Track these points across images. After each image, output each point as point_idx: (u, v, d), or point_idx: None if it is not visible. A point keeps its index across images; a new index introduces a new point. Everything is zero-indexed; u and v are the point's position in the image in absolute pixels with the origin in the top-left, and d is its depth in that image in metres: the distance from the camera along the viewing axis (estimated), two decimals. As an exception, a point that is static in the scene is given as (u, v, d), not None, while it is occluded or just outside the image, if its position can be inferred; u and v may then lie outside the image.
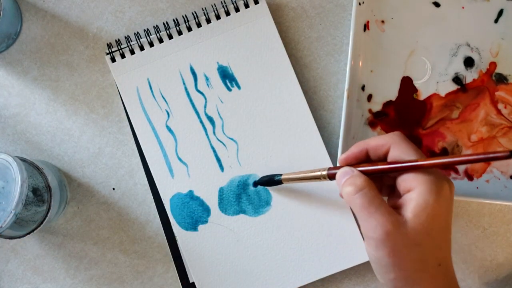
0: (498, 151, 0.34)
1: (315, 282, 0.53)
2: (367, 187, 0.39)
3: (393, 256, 0.37)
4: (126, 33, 0.55)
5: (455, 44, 0.53)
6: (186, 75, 0.54)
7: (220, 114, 0.53)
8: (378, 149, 0.41)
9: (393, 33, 0.53)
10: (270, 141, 0.53)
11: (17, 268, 0.54)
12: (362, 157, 0.42)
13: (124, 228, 0.54)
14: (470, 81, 0.53)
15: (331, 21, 0.55)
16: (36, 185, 0.50)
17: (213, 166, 0.53)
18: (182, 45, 0.54)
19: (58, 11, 0.55)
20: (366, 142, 0.42)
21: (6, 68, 0.55)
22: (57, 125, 0.55)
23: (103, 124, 0.55)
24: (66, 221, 0.54)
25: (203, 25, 0.54)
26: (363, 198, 0.38)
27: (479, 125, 0.53)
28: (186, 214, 0.53)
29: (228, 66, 0.54)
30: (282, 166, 0.53)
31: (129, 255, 0.54)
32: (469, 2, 0.53)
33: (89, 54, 0.55)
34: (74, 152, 0.55)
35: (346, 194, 0.40)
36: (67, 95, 0.55)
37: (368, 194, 0.39)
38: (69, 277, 0.54)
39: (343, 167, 0.42)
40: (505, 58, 0.53)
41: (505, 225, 0.54)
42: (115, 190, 0.55)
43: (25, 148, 0.55)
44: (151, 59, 0.54)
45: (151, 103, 0.53)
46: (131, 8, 0.55)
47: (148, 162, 0.53)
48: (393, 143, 0.40)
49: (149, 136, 0.53)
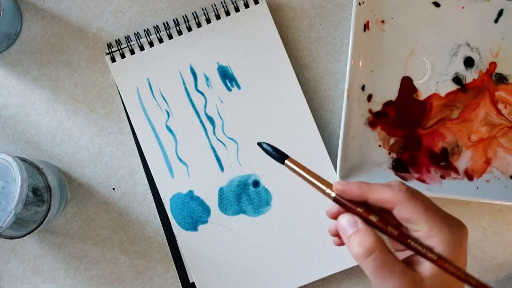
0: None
1: (315, 282, 0.53)
2: (378, 247, 0.36)
3: None
4: (126, 33, 0.55)
5: (455, 44, 0.53)
6: (186, 75, 0.54)
7: (220, 114, 0.53)
8: (381, 203, 0.38)
9: (393, 33, 0.53)
10: (270, 141, 0.53)
11: (17, 268, 0.54)
12: (360, 200, 0.38)
13: (124, 228, 0.54)
14: (470, 81, 0.53)
15: (331, 21, 0.55)
16: (36, 185, 0.50)
17: (213, 166, 0.53)
18: (182, 45, 0.54)
19: (58, 11, 0.55)
20: (367, 190, 0.38)
21: (6, 68, 0.55)
22: (57, 125, 0.55)
23: (103, 124, 0.55)
24: (66, 221, 0.54)
25: (203, 25, 0.54)
26: (375, 262, 0.35)
27: (479, 125, 0.53)
28: (186, 214, 0.53)
29: (228, 66, 0.54)
30: (282, 166, 0.53)
31: (129, 255, 0.54)
32: (469, 2, 0.53)
33: (89, 54, 0.55)
34: (74, 152, 0.55)
35: (356, 255, 0.36)
36: (67, 95, 0.55)
37: (380, 256, 0.35)
38: (69, 277, 0.54)
39: (348, 213, 0.38)
40: (505, 58, 0.53)
41: (505, 225, 0.54)
42: (115, 190, 0.55)
43: (25, 148, 0.55)
44: (151, 59, 0.54)
45: (151, 103, 0.53)
46: (131, 8, 0.55)
47: (148, 162, 0.53)
48: (399, 203, 0.37)
49: (149, 136, 0.53)
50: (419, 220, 0.36)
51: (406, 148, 0.53)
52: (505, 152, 0.53)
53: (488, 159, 0.53)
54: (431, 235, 0.36)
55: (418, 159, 0.53)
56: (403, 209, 0.37)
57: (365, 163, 0.53)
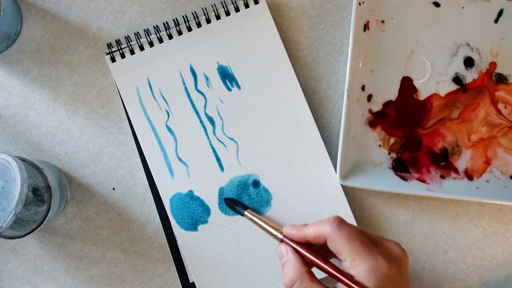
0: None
1: (315, 282, 0.53)
2: (299, 279, 0.41)
3: None
4: (126, 33, 0.55)
5: (455, 44, 0.53)
6: (186, 75, 0.54)
7: (220, 114, 0.54)
8: (316, 240, 0.43)
9: (393, 33, 0.53)
10: (270, 141, 0.53)
11: (17, 268, 0.54)
12: (302, 241, 0.44)
13: (124, 228, 0.54)
14: (470, 81, 0.53)
15: (331, 21, 0.55)
16: (36, 185, 0.50)
17: (213, 166, 0.53)
18: (182, 45, 0.54)
19: (58, 11, 0.55)
20: (305, 232, 0.44)
21: (6, 68, 0.55)
22: (57, 125, 0.55)
23: (103, 124, 0.55)
24: (66, 221, 0.54)
25: (203, 25, 0.54)
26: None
27: (479, 125, 0.53)
28: (186, 214, 0.53)
29: (228, 66, 0.54)
30: (282, 166, 0.53)
31: (129, 255, 0.54)
32: (469, 2, 0.53)
33: (89, 54, 0.55)
34: (74, 152, 0.55)
35: (283, 283, 0.42)
36: (67, 95, 0.55)
37: (301, 285, 0.41)
38: (69, 277, 0.54)
39: (282, 244, 0.45)
40: (505, 58, 0.53)
41: (505, 225, 0.54)
42: (115, 190, 0.55)
43: (25, 148, 0.55)
44: (151, 59, 0.54)
45: (151, 103, 0.53)
46: (131, 8, 0.55)
47: (148, 162, 0.53)
48: (328, 236, 0.41)
49: (149, 136, 0.53)
50: (343, 251, 0.40)
51: (406, 148, 0.53)
52: (505, 152, 0.53)
53: (488, 159, 0.53)
54: (354, 265, 0.39)
55: (418, 159, 0.53)
56: (330, 241, 0.41)
57: (365, 163, 0.53)
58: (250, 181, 0.53)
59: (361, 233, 0.42)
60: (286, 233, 0.45)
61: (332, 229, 0.41)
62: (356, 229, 0.42)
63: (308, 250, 0.43)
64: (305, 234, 0.43)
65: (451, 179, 0.52)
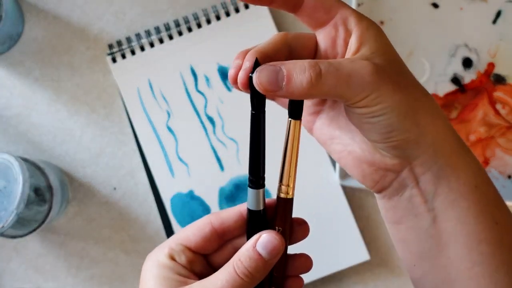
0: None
1: (315, 281, 0.53)
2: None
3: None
4: (127, 34, 0.55)
5: (454, 44, 0.54)
6: (187, 75, 0.54)
7: (220, 114, 0.54)
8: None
9: (392, 34, 0.54)
10: (270, 141, 0.53)
11: (19, 267, 0.54)
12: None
13: (125, 227, 0.55)
14: (468, 82, 0.54)
15: (331, 22, 0.55)
16: (37, 185, 0.50)
17: (213, 166, 0.53)
18: (183, 46, 0.54)
19: (59, 13, 0.56)
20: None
21: (8, 68, 0.55)
22: (58, 125, 0.55)
23: (104, 124, 0.55)
24: (67, 221, 0.55)
25: (203, 26, 0.54)
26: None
27: (477, 125, 0.53)
28: (186, 213, 0.53)
29: (228, 67, 0.54)
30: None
31: (130, 254, 0.54)
32: (467, 3, 0.54)
33: (90, 55, 0.55)
34: (75, 152, 0.55)
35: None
36: (68, 96, 0.55)
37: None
38: (70, 276, 0.54)
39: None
40: (503, 58, 0.54)
41: (503, 225, 0.55)
42: (116, 190, 0.55)
43: (26, 148, 0.55)
44: (151, 59, 0.54)
45: (152, 104, 0.54)
46: (132, 9, 0.56)
47: (149, 162, 0.54)
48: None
49: (149, 136, 0.54)
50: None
51: (405, 148, 0.53)
52: (503, 152, 0.53)
53: (486, 159, 0.53)
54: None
55: (417, 159, 0.53)
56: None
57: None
58: (250, 181, 0.53)
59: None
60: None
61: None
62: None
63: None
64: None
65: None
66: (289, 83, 0.28)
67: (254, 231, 0.31)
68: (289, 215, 0.33)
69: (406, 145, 0.29)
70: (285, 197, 0.32)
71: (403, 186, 0.30)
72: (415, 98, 0.30)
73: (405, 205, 0.31)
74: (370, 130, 0.29)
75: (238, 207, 0.33)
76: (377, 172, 0.31)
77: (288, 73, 0.28)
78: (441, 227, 0.30)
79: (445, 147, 0.30)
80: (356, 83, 0.28)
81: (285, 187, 0.32)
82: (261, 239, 0.31)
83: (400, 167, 0.30)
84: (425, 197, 0.30)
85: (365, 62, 0.28)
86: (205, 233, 0.33)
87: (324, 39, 0.31)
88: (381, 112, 0.28)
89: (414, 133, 0.29)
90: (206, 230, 0.33)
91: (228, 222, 0.33)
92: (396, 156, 0.30)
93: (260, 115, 0.31)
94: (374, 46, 0.30)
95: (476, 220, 0.30)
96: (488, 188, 0.31)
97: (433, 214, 0.30)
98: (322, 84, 0.28)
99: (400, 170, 0.30)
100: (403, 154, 0.30)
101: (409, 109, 0.29)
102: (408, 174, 0.30)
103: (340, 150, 0.32)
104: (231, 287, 0.30)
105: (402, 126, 0.29)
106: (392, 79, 0.29)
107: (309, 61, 0.28)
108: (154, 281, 0.32)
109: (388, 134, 0.29)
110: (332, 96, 0.29)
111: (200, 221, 0.33)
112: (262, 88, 0.29)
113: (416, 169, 0.30)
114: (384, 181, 0.31)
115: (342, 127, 0.32)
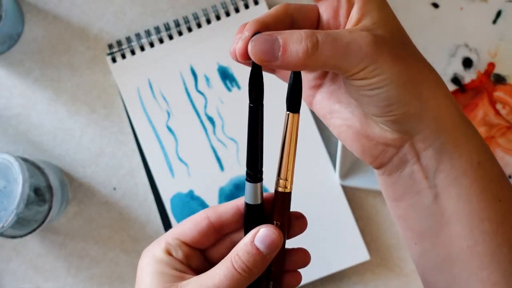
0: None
1: (315, 281, 0.53)
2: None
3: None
4: (127, 34, 0.55)
5: (454, 44, 0.54)
6: (187, 75, 0.54)
7: (220, 114, 0.54)
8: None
9: (392, 34, 0.54)
10: (270, 141, 0.53)
11: (19, 267, 0.54)
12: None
13: (125, 227, 0.55)
14: (468, 82, 0.54)
15: (331, 22, 0.55)
16: (37, 185, 0.50)
17: (213, 166, 0.53)
18: (183, 46, 0.54)
19: (59, 12, 0.56)
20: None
21: (8, 68, 0.55)
22: (58, 125, 0.55)
23: (104, 124, 0.55)
24: (67, 221, 0.55)
25: (203, 26, 0.54)
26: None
27: (477, 125, 0.53)
28: (186, 213, 0.53)
29: (228, 67, 0.54)
30: (282, 166, 0.53)
31: (130, 254, 0.54)
32: (467, 3, 0.54)
33: (90, 55, 0.55)
34: (75, 152, 0.55)
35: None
36: (68, 96, 0.55)
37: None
38: (70, 276, 0.54)
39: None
40: (503, 58, 0.54)
41: (503, 225, 0.55)
42: (116, 190, 0.55)
43: (26, 148, 0.55)
44: (151, 59, 0.54)
45: (152, 103, 0.54)
46: (131, 9, 0.56)
47: (149, 162, 0.54)
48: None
49: (149, 136, 0.54)
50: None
51: (405, 148, 0.53)
52: (503, 152, 0.53)
53: (486, 159, 0.53)
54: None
55: (417, 159, 0.53)
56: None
57: (364, 163, 0.53)
58: (250, 181, 0.53)
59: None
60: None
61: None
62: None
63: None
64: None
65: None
66: (284, 53, 0.28)
67: (252, 225, 0.31)
68: (287, 209, 0.32)
69: (406, 119, 0.29)
70: (283, 191, 0.31)
71: (404, 162, 0.30)
72: (417, 71, 0.29)
73: (405, 181, 0.30)
74: (369, 103, 0.29)
75: (235, 201, 0.33)
76: (377, 147, 0.30)
77: (284, 42, 0.28)
78: (443, 204, 0.29)
79: (448, 122, 0.29)
80: (354, 54, 0.27)
81: (283, 181, 0.31)
82: (259, 233, 0.30)
83: (400, 142, 0.29)
84: (426, 173, 0.29)
85: (364, 33, 0.28)
86: (202, 228, 0.32)
87: (326, 10, 0.31)
88: (380, 84, 0.28)
89: (415, 107, 0.28)
90: (203, 224, 0.32)
91: (225, 216, 0.32)
92: (396, 131, 0.29)
93: (258, 107, 0.30)
94: (376, 17, 0.29)
95: (479, 197, 0.29)
96: (491, 165, 0.30)
97: (435, 191, 0.29)
98: (318, 54, 0.27)
99: (401, 145, 0.29)
100: (404, 128, 0.29)
101: (408, 82, 0.28)
102: (409, 149, 0.29)
103: (340, 124, 0.32)
104: (229, 282, 0.30)
105: (402, 99, 0.28)
106: (392, 50, 0.28)
107: (305, 31, 0.27)
108: (151, 277, 0.32)
109: (388, 107, 0.28)
110: (330, 67, 0.28)
111: (197, 215, 0.33)
112: (257, 58, 0.28)
113: (418, 144, 0.29)
114: (384, 157, 0.30)
115: (342, 101, 0.32)
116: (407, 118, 0.29)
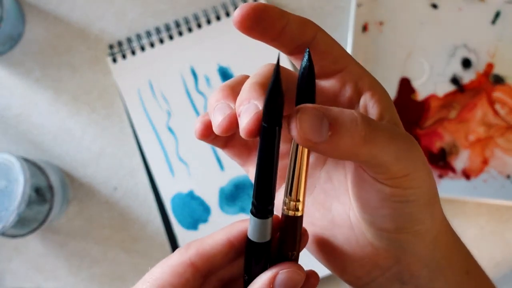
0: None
1: (314, 280, 0.53)
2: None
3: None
4: (127, 34, 0.55)
5: (453, 45, 0.54)
6: (187, 76, 0.54)
7: (220, 114, 0.54)
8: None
9: (391, 35, 0.54)
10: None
11: (20, 266, 0.55)
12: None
13: (126, 227, 0.55)
14: (467, 82, 0.54)
15: (330, 23, 0.56)
16: (38, 184, 0.50)
17: (214, 166, 0.54)
18: (183, 46, 0.54)
19: (60, 13, 0.56)
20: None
21: (9, 69, 0.55)
22: (59, 125, 0.55)
23: (104, 124, 0.55)
24: (68, 220, 0.55)
25: (203, 27, 0.54)
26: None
27: (476, 125, 0.54)
28: (186, 213, 0.53)
29: (229, 67, 0.54)
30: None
31: (130, 254, 0.55)
32: (466, 3, 0.54)
33: (90, 55, 0.55)
34: (76, 152, 0.55)
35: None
36: (69, 96, 0.55)
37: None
38: (71, 275, 0.55)
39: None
40: (502, 59, 0.54)
41: (502, 224, 0.55)
42: (116, 189, 0.55)
43: (27, 148, 0.55)
44: (152, 60, 0.54)
45: (152, 104, 0.54)
46: (132, 10, 0.56)
47: (149, 162, 0.54)
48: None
49: (150, 136, 0.54)
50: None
51: (404, 148, 0.53)
52: (502, 152, 0.54)
53: (485, 159, 0.53)
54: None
55: (416, 159, 0.53)
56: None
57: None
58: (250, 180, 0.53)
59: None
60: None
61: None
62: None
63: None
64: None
65: (448, 178, 0.53)
66: (336, 134, 0.21)
67: (258, 266, 0.26)
68: (300, 235, 0.26)
69: (413, 238, 0.25)
70: (294, 214, 0.25)
71: (391, 282, 0.26)
72: (434, 184, 0.25)
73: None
74: (385, 215, 0.24)
75: (225, 234, 0.27)
76: (362, 267, 0.26)
77: (335, 122, 0.22)
78: None
79: (443, 239, 0.26)
80: (403, 155, 0.22)
81: (293, 203, 0.25)
82: (281, 276, 0.25)
83: (392, 261, 0.26)
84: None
85: (409, 134, 0.23)
86: (186, 279, 0.26)
87: (325, 91, 0.26)
88: (411, 197, 0.23)
89: (426, 225, 0.24)
90: (187, 275, 0.26)
91: (215, 259, 0.26)
92: (391, 250, 0.25)
93: (275, 129, 0.23)
94: (394, 115, 0.25)
95: None
96: (477, 271, 0.29)
97: None
98: (374, 144, 0.22)
99: (392, 265, 0.26)
100: (403, 247, 0.25)
101: (431, 199, 0.24)
102: (402, 269, 0.26)
103: (316, 232, 0.27)
104: None
105: (421, 217, 0.24)
106: (422, 158, 0.24)
107: (359, 112, 0.22)
108: None
109: (406, 223, 0.24)
110: (375, 162, 0.23)
111: (178, 263, 0.26)
112: (304, 137, 0.22)
113: (412, 266, 0.26)
114: (368, 277, 0.26)
115: (330, 207, 0.27)
116: (415, 237, 0.25)
